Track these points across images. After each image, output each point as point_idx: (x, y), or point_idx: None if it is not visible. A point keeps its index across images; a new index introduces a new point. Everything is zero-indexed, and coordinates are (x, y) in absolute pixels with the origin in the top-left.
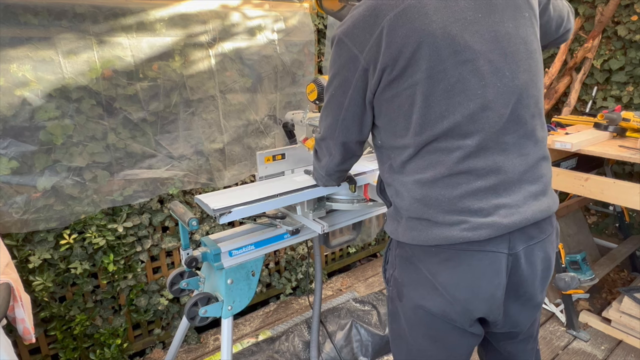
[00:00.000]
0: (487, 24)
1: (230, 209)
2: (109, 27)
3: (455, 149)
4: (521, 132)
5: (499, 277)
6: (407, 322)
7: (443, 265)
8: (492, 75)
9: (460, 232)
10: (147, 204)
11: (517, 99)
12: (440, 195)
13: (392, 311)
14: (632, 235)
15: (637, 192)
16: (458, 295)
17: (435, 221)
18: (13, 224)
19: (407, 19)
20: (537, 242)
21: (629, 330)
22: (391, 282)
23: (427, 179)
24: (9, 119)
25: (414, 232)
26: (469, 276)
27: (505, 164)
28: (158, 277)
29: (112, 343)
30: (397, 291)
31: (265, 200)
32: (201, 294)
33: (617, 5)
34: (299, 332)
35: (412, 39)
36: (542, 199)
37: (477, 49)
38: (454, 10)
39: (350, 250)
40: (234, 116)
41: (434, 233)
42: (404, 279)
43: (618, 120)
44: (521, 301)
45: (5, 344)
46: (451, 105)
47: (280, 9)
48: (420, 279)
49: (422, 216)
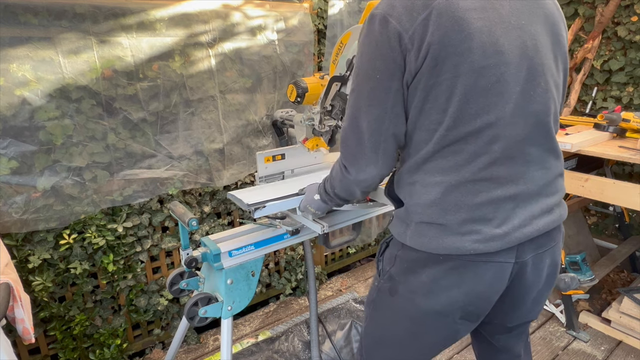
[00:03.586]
0: (529, 33)
1: (264, 203)
2: (109, 27)
3: (482, 153)
4: (546, 146)
5: (500, 284)
6: (392, 315)
7: (448, 272)
8: (527, 83)
9: (472, 244)
10: (146, 204)
11: (546, 111)
12: (460, 202)
13: (376, 301)
14: (632, 235)
15: (637, 192)
16: (457, 298)
17: (450, 228)
18: (13, 223)
19: (458, 8)
20: (546, 250)
21: (629, 330)
22: (385, 276)
23: (449, 182)
24: (8, 119)
25: (424, 239)
26: (473, 283)
27: (527, 175)
28: (158, 277)
29: (111, 343)
30: (390, 286)
31: (297, 196)
32: (201, 294)
33: (617, 6)
34: (298, 333)
35: (461, 28)
36: (555, 210)
37: (517, 54)
38: (500, 12)
39: (350, 250)
40: (234, 116)
41: (445, 242)
42: (401, 278)
43: (618, 121)
44: (518, 302)
45: (4, 344)
46: (487, 105)
47: (280, 9)
48: (420, 281)
49: (436, 221)
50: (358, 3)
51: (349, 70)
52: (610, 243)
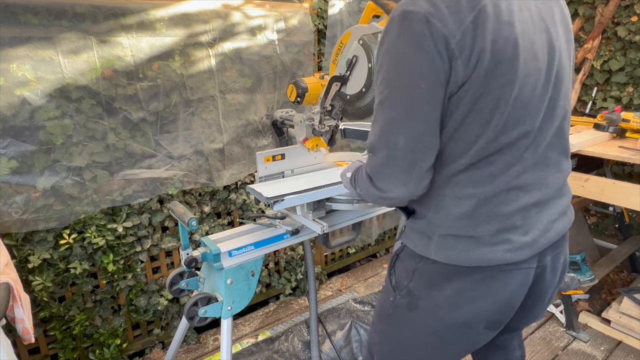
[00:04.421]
0: (552, 35)
1: (283, 197)
2: (109, 27)
3: (516, 162)
4: (562, 149)
5: (524, 289)
6: (412, 330)
7: (475, 284)
8: (554, 89)
9: (504, 254)
10: (146, 203)
11: (565, 115)
12: (492, 212)
13: (393, 316)
14: (632, 235)
15: (637, 192)
16: (484, 308)
17: (481, 240)
18: (12, 223)
19: (503, 9)
20: (561, 250)
21: (629, 331)
22: (403, 292)
23: (484, 194)
24: (8, 119)
25: (451, 252)
26: (500, 292)
27: (547, 180)
28: (158, 277)
29: (111, 343)
30: (408, 301)
31: (314, 190)
32: (201, 294)
33: (617, 6)
34: (298, 333)
35: (508, 33)
36: (567, 211)
37: (547, 59)
38: (531, 13)
39: (350, 250)
40: (234, 116)
41: (477, 254)
42: (422, 293)
43: (618, 121)
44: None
45: (4, 343)
46: (524, 115)
47: (280, 9)
48: (445, 295)
49: (466, 233)
50: (358, 3)
51: (348, 70)
52: (610, 243)
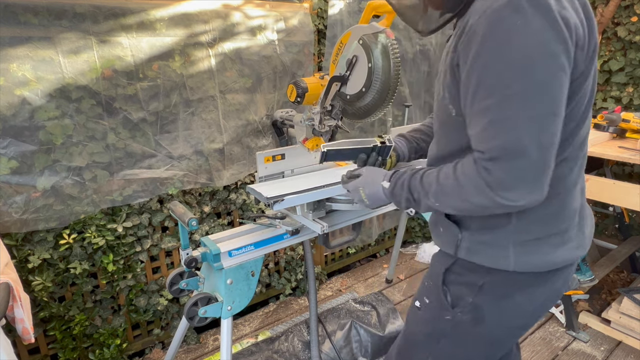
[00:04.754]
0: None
1: (283, 197)
2: (109, 27)
3: (579, 158)
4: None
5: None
6: (474, 345)
7: (545, 285)
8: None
9: (575, 251)
10: (146, 203)
11: None
12: (568, 210)
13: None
14: (632, 236)
15: (637, 193)
16: (543, 306)
17: (560, 240)
18: (12, 223)
19: None
20: None
21: (629, 331)
22: (466, 308)
23: (565, 192)
24: (8, 119)
25: (531, 257)
26: (559, 290)
27: (582, 174)
28: (157, 277)
29: (111, 343)
30: (473, 317)
31: (314, 190)
32: (201, 294)
33: (617, 6)
34: (298, 333)
35: (594, 22)
36: None
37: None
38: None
39: (350, 250)
40: (234, 116)
41: (556, 256)
42: (491, 307)
43: (618, 121)
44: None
45: (4, 343)
46: (587, 110)
47: (280, 9)
48: (515, 303)
49: (550, 232)
50: (358, 3)
51: (348, 70)
52: (610, 243)
